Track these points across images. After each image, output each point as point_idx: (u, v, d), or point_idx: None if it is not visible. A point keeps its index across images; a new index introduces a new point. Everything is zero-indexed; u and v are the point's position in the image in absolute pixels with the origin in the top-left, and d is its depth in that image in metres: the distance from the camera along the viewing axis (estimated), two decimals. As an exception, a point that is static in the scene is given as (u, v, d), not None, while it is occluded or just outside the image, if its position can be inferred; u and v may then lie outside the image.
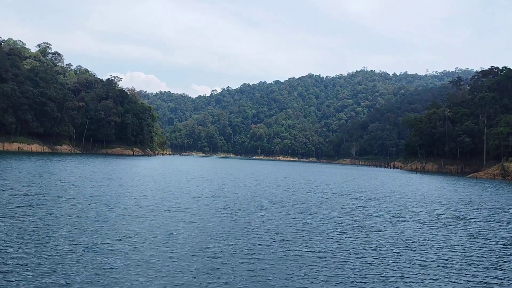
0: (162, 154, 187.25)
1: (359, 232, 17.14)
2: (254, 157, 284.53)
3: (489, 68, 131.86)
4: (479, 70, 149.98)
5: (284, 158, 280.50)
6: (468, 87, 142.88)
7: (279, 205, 24.15)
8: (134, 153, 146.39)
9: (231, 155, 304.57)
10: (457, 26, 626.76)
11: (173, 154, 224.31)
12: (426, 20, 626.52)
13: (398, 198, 31.99)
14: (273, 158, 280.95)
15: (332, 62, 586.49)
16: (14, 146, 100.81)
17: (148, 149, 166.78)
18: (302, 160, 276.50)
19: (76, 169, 45.27)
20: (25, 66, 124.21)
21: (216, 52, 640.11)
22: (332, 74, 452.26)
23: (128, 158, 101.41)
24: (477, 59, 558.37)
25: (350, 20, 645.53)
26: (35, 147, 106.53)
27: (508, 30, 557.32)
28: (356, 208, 24.78)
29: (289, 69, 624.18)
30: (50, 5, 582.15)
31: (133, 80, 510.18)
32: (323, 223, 18.59)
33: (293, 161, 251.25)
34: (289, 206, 23.64)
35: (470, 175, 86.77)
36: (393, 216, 22.04)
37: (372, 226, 18.56)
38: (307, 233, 16.22)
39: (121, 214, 18.25)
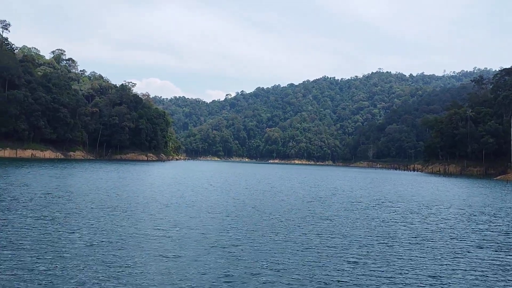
0: (177, 159, 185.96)
1: (427, 276, 11.42)
2: (269, 161, 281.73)
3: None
4: (498, 69, 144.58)
5: (299, 162, 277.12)
6: (490, 86, 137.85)
7: (299, 222, 19.53)
8: (148, 158, 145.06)
9: (246, 159, 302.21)
10: (471, 28, 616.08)
11: (188, 159, 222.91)
12: (439, 22, 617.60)
13: (443, 208, 27.21)
14: (289, 161, 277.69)
15: (346, 66, 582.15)
16: (27, 153, 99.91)
17: (163, 154, 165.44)
18: (318, 163, 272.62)
19: (74, 177, 41.61)
20: (38, 73, 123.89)
21: (229, 57, 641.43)
22: (346, 76, 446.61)
23: (141, 164, 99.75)
24: (492, 60, 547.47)
25: (363, 24, 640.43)
26: (48, 154, 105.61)
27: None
28: (399, 226, 19.50)
29: (303, 73, 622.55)
30: (65, 15, 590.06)
31: (149, 86, 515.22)
32: (366, 261, 12.83)
33: (309, 164, 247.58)
34: (311, 225, 18.75)
35: (498, 177, 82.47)
36: (455, 240, 16.50)
37: (438, 264, 12.83)
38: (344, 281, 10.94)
39: (87, 243, 13.65)
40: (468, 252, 14.66)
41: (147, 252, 12.93)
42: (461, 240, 16.76)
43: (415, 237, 17.09)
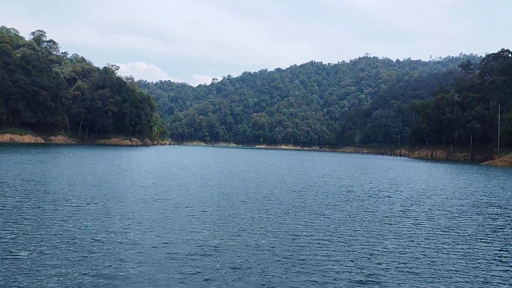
0: (162, 144, 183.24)
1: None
2: (256, 146, 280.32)
3: (499, 51, 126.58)
4: (484, 55, 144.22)
5: (286, 147, 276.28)
6: (477, 71, 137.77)
7: (287, 218, 16.39)
8: (132, 143, 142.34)
9: (233, 144, 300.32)
10: (458, 14, 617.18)
11: (173, 144, 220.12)
12: (426, 8, 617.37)
13: (444, 198, 25.02)
14: (275, 147, 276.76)
15: (333, 51, 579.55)
16: (6, 137, 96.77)
17: (147, 139, 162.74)
18: (304, 148, 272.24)
19: (43, 164, 37.11)
20: (17, 54, 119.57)
21: (217, 42, 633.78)
22: (333, 61, 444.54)
23: (123, 149, 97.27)
24: (478, 47, 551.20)
25: (350, 9, 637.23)
26: (27, 138, 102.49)
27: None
28: (404, 222, 16.69)
29: (290, 58, 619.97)
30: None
31: (134, 70, 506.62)
32: (375, 273, 10.20)
33: (295, 149, 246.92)
34: (302, 222, 15.76)
35: (485, 162, 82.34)
36: (476, 240, 14.01)
37: (463, 272, 10.52)
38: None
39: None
40: (497, 258, 12.09)
41: (90, 268, 9.66)
42: (483, 241, 14.03)
43: (427, 238, 14.21)
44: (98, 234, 12.79)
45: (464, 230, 15.92)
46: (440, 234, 15.00)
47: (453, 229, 15.94)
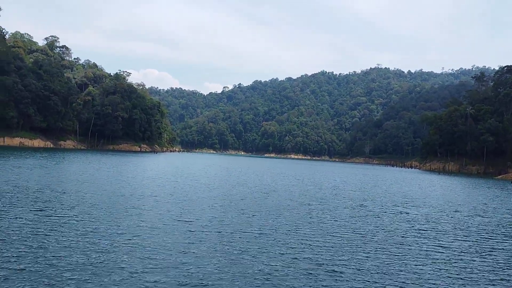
0: (171, 151, 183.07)
1: None
2: (265, 155, 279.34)
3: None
4: (497, 68, 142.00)
5: (295, 156, 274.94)
6: (491, 83, 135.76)
7: (294, 239, 14.64)
8: (142, 149, 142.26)
9: (242, 153, 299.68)
10: (470, 26, 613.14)
11: (182, 151, 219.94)
12: (438, 19, 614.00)
13: (466, 217, 23.29)
14: (285, 156, 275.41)
15: (345, 61, 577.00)
16: (16, 141, 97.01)
17: (157, 146, 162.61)
18: (314, 158, 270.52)
19: (42, 169, 35.61)
20: (30, 59, 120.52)
21: (228, 50, 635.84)
22: (345, 71, 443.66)
23: (131, 155, 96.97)
24: (490, 59, 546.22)
25: (362, 20, 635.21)
26: (37, 142, 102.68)
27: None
28: (428, 246, 14.99)
29: (301, 67, 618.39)
30: (61, 4, 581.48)
31: (146, 77, 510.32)
32: None
33: (305, 159, 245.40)
34: (310, 245, 14.04)
35: (499, 176, 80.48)
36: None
37: None
38: None
39: None
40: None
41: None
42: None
43: (455, 265, 12.89)
44: (78, 254, 11.43)
45: (496, 256, 14.41)
46: (469, 260, 13.54)
47: (483, 254, 14.47)
